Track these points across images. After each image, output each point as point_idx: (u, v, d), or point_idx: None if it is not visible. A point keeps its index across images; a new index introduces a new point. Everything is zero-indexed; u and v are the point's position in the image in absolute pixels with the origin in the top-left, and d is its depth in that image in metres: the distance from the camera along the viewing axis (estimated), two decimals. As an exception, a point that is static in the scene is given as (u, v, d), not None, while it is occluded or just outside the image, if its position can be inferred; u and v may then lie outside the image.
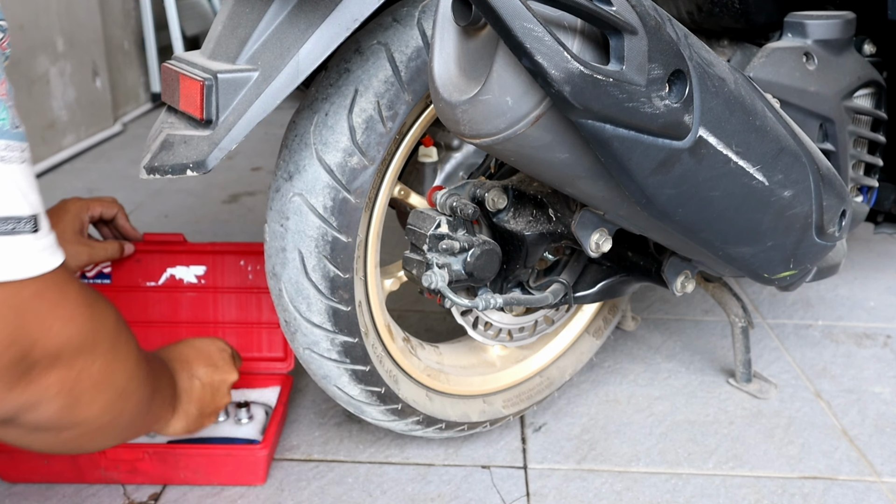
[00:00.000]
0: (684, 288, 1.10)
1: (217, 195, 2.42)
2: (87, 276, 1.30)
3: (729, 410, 1.34)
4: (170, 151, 0.84)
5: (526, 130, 0.72)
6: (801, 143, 0.93)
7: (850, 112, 1.17)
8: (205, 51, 0.90)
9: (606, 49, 0.70)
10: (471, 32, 0.76)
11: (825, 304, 1.74)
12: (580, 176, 0.80)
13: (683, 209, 0.84)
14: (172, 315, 1.31)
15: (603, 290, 1.14)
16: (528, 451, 1.23)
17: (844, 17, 1.14)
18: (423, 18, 0.93)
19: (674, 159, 0.77)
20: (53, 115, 2.77)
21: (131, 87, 3.52)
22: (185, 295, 1.31)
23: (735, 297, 1.38)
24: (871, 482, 1.17)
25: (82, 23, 2.97)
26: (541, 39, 0.64)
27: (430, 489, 1.13)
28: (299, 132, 0.94)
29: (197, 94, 0.82)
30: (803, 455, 1.23)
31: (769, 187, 0.88)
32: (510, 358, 1.27)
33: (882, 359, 1.52)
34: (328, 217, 0.93)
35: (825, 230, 1.01)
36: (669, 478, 1.17)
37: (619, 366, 1.47)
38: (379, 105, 0.92)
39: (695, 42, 0.79)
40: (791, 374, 1.46)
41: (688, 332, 1.60)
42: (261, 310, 1.30)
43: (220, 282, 1.31)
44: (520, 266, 1.05)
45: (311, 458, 1.20)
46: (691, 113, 0.76)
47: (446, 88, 0.76)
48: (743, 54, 1.19)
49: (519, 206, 1.03)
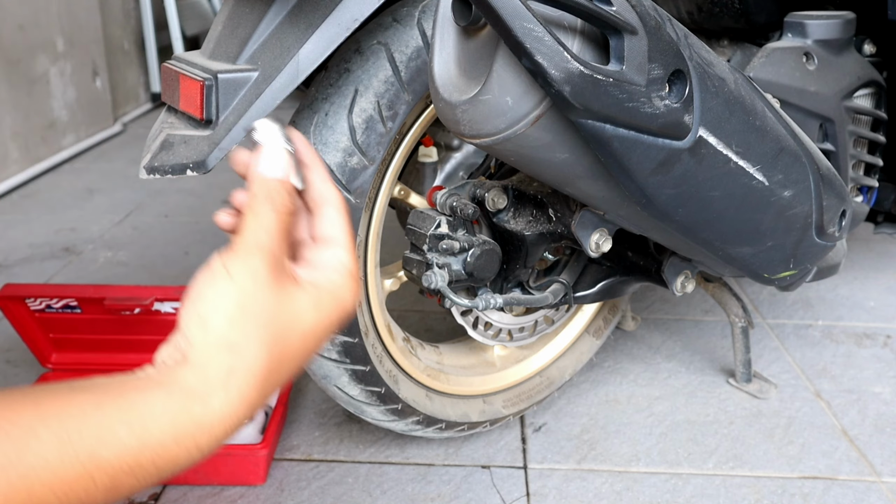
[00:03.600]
0: (684, 288, 1.10)
1: (217, 195, 2.42)
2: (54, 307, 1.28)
3: (729, 410, 1.34)
4: (170, 151, 0.83)
5: (526, 130, 0.72)
6: (801, 143, 0.93)
7: (850, 112, 1.17)
8: (205, 51, 0.90)
9: (606, 49, 0.70)
10: (471, 32, 0.76)
11: (825, 304, 1.74)
12: (580, 176, 0.79)
13: (683, 209, 0.84)
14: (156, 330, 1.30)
15: (603, 290, 1.14)
16: (528, 451, 1.23)
17: (844, 17, 1.14)
18: (423, 18, 0.93)
19: (674, 159, 0.77)
20: (53, 115, 2.77)
21: (131, 87, 3.52)
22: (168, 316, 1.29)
23: (735, 297, 1.38)
24: (870, 482, 1.17)
25: (82, 23, 2.96)
26: (541, 39, 0.64)
27: (430, 489, 1.13)
28: (299, 132, 0.94)
29: (197, 94, 0.82)
30: (803, 455, 1.23)
31: (769, 187, 0.88)
32: (510, 358, 1.27)
33: (882, 359, 1.52)
34: (328, 217, 0.93)
35: (825, 230, 1.01)
36: (669, 478, 1.17)
37: (619, 366, 1.47)
38: (379, 105, 0.92)
39: (695, 42, 0.79)
40: (791, 374, 1.46)
41: (688, 332, 1.60)
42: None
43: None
44: (520, 266, 1.05)
45: (311, 458, 1.19)
46: (691, 113, 0.76)
47: (446, 88, 0.76)
48: (743, 54, 1.19)
49: (519, 206, 1.03)
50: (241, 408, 0.52)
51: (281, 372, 0.54)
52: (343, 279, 0.58)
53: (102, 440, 0.47)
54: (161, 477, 0.50)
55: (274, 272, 0.54)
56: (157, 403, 0.49)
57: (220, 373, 0.51)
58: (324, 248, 0.59)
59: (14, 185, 2.48)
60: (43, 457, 0.45)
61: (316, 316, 0.56)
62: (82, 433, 0.46)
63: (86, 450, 0.46)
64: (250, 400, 0.52)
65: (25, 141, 2.60)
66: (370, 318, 1.05)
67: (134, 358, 1.33)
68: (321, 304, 0.56)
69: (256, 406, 0.54)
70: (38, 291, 1.26)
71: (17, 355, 1.46)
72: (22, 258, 1.95)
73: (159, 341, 0.55)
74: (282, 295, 0.54)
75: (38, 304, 1.26)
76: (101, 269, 1.88)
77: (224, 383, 0.51)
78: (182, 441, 0.49)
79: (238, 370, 0.52)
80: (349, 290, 0.58)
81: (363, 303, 1.03)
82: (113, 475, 0.47)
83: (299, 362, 0.56)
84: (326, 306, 0.57)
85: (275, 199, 0.56)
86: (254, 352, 0.52)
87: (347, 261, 0.58)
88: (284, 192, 0.56)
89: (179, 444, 0.49)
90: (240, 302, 0.52)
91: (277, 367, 0.54)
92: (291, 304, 0.55)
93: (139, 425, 0.48)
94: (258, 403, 0.54)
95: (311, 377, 1.07)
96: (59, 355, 1.35)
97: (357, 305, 0.68)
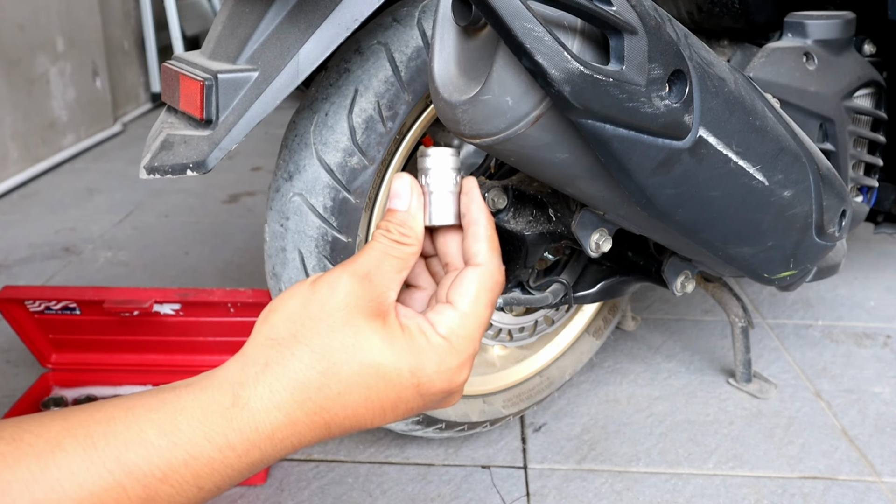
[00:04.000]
0: (684, 288, 1.10)
1: (217, 195, 2.42)
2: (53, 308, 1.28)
3: (729, 410, 1.34)
4: (170, 151, 0.83)
5: (526, 130, 0.72)
6: (801, 143, 0.93)
7: (850, 112, 1.17)
8: (205, 51, 0.90)
9: (606, 49, 0.70)
10: (471, 32, 0.76)
11: (825, 304, 1.74)
12: (580, 176, 0.79)
13: (683, 209, 0.84)
14: (159, 332, 1.30)
15: (603, 290, 1.14)
16: (528, 451, 1.23)
17: (844, 17, 1.14)
18: (423, 18, 0.93)
19: (674, 159, 0.77)
20: (53, 115, 2.77)
21: (131, 87, 3.52)
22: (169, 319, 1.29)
23: (735, 296, 1.38)
24: (871, 482, 1.17)
25: (82, 22, 2.96)
26: (541, 39, 0.64)
27: (430, 489, 1.13)
28: (299, 132, 0.94)
29: (197, 94, 0.82)
30: (803, 455, 1.23)
31: (769, 187, 0.88)
32: (510, 358, 1.27)
33: (882, 359, 1.52)
34: (328, 217, 0.93)
35: (825, 230, 1.01)
36: (669, 478, 1.17)
37: (619, 366, 1.47)
38: (379, 105, 0.92)
39: (695, 42, 0.79)
40: (791, 374, 1.46)
41: (688, 332, 1.60)
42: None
43: (200, 313, 1.28)
44: (520, 266, 1.05)
45: (311, 458, 1.19)
46: (691, 113, 0.76)
47: (446, 88, 0.76)
48: (743, 54, 1.19)
49: (519, 206, 1.03)
50: (275, 412, 0.46)
51: (327, 395, 0.47)
52: (447, 350, 0.50)
53: (129, 442, 0.44)
54: (202, 489, 0.45)
55: (363, 298, 0.49)
56: (188, 396, 0.46)
57: (257, 364, 0.47)
58: (449, 309, 0.52)
59: (14, 185, 2.48)
60: (69, 469, 0.42)
61: (391, 359, 0.48)
62: (108, 438, 0.44)
63: (112, 455, 0.43)
64: (286, 407, 0.47)
65: (25, 141, 2.60)
66: (370, 318, 1.05)
67: (134, 358, 1.33)
68: (398, 349, 0.49)
69: (294, 419, 0.47)
70: (38, 294, 1.26)
71: (17, 355, 1.46)
72: (22, 258, 1.95)
73: (160, 342, 0.54)
74: (357, 320, 0.48)
75: (37, 305, 1.26)
76: (101, 269, 1.88)
77: (257, 376, 0.47)
78: (214, 439, 0.45)
79: (274, 365, 0.47)
80: (447, 365, 0.50)
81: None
82: (146, 483, 0.44)
83: (354, 401, 0.48)
84: (406, 356, 0.49)
85: (402, 247, 0.51)
86: (297, 353, 0.47)
87: (464, 334, 0.51)
88: (417, 241, 0.51)
89: (212, 442, 0.45)
90: (303, 305, 0.48)
91: (321, 386, 0.47)
92: (365, 333, 0.48)
93: (168, 421, 0.45)
94: (297, 417, 0.47)
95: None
96: (59, 355, 1.35)
97: (457, 395, 0.55)
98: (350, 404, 0.48)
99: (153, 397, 0.47)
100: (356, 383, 0.48)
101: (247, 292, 1.23)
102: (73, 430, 0.44)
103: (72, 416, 0.45)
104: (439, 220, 0.54)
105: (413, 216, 0.53)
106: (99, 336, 1.31)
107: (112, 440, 0.44)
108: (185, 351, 1.31)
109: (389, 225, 0.52)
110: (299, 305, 0.49)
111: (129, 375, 1.31)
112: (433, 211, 0.54)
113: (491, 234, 0.55)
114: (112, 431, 0.44)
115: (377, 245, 0.51)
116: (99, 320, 1.28)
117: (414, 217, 0.53)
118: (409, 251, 0.52)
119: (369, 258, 0.51)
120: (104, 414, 0.45)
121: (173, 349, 1.31)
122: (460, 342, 0.51)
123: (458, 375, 0.51)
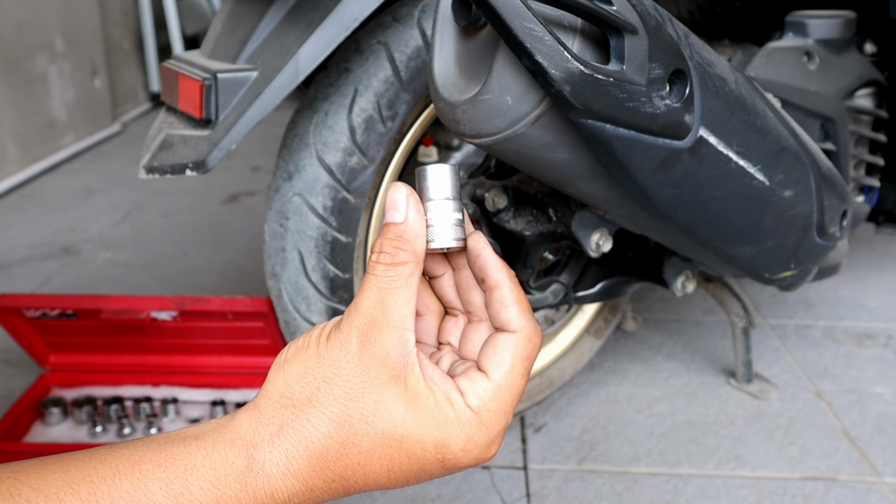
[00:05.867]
0: (685, 288, 1.09)
1: (217, 195, 2.42)
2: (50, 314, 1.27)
3: (730, 411, 1.34)
4: (169, 151, 0.83)
5: (526, 130, 0.72)
6: (802, 142, 0.93)
7: (852, 111, 1.17)
8: (204, 50, 0.90)
9: (607, 49, 0.69)
10: (471, 32, 0.76)
11: (826, 305, 1.73)
12: (580, 176, 0.79)
13: (684, 209, 0.84)
14: (161, 335, 1.29)
15: (603, 291, 1.14)
16: (528, 451, 1.22)
17: (845, 17, 1.14)
18: (423, 18, 0.92)
19: (674, 159, 0.77)
20: (52, 115, 2.77)
21: (130, 87, 3.52)
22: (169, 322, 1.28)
23: (736, 297, 1.38)
24: (872, 483, 1.17)
25: (81, 22, 2.96)
26: (541, 39, 0.64)
27: (430, 489, 1.13)
28: (299, 132, 0.94)
29: (196, 94, 0.82)
30: (804, 455, 1.23)
31: (770, 187, 0.88)
32: (510, 358, 1.27)
33: (883, 359, 1.52)
34: (328, 217, 0.93)
35: (826, 230, 1.01)
36: (670, 478, 1.17)
37: (619, 366, 1.47)
38: (379, 105, 0.92)
39: (695, 41, 0.79)
40: (792, 374, 1.46)
41: (688, 332, 1.60)
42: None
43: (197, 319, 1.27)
44: (520, 266, 1.05)
45: (311, 458, 1.19)
46: (692, 113, 0.76)
47: (446, 88, 0.76)
48: (744, 54, 1.18)
49: (519, 206, 1.03)
50: (291, 479, 0.44)
51: (346, 465, 0.45)
52: (475, 425, 0.46)
53: (135, 502, 0.41)
54: None
55: (378, 357, 0.45)
56: (199, 452, 0.44)
57: (272, 425, 0.45)
58: (482, 379, 0.47)
59: (13, 184, 2.48)
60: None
61: (415, 431, 0.45)
62: (113, 498, 0.41)
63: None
64: (304, 475, 0.44)
65: (24, 141, 2.60)
66: (370, 318, 1.04)
67: (132, 360, 1.32)
68: (423, 419, 0.45)
69: (312, 486, 0.45)
70: (34, 302, 1.25)
71: (16, 356, 1.46)
72: (21, 258, 1.95)
73: (157, 344, 0.52)
74: (376, 385, 0.45)
75: (34, 312, 1.26)
76: (100, 269, 1.88)
77: (272, 438, 0.44)
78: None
79: (289, 429, 0.44)
80: (475, 443, 0.46)
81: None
82: None
83: (375, 471, 0.45)
84: (431, 429, 0.45)
85: (400, 268, 0.45)
86: (312, 420, 0.45)
87: (496, 409, 0.46)
88: (415, 257, 0.45)
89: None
90: (317, 363, 0.45)
91: (340, 456, 0.45)
92: (386, 402, 0.45)
93: (178, 482, 0.42)
94: (314, 484, 0.45)
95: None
96: (58, 357, 1.34)
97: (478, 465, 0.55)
98: (371, 474, 0.46)
99: (162, 451, 0.44)
100: (378, 455, 0.45)
101: (244, 300, 1.22)
102: (75, 485, 0.42)
103: (74, 469, 0.43)
104: (441, 244, 0.47)
105: (410, 228, 0.46)
106: (97, 339, 1.31)
107: (118, 500, 0.42)
108: (183, 353, 1.31)
109: (383, 243, 0.46)
110: (314, 364, 0.46)
111: (128, 376, 1.31)
112: (435, 233, 0.48)
113: (518, 295, 0.49)
114: (117, 490, 0.42)
115: (373, 281, 0.45)
116: (96, 325, 1.28)
117: (412, 229, 0.46)
118: (406, 272, 0.46)
119: (369, 302, 0.45)
120: (109, 468, 0.43)
121: (171, 351, 1.31)
122: (491, 417, 0.46)
123: (486, 452, 0.47)
